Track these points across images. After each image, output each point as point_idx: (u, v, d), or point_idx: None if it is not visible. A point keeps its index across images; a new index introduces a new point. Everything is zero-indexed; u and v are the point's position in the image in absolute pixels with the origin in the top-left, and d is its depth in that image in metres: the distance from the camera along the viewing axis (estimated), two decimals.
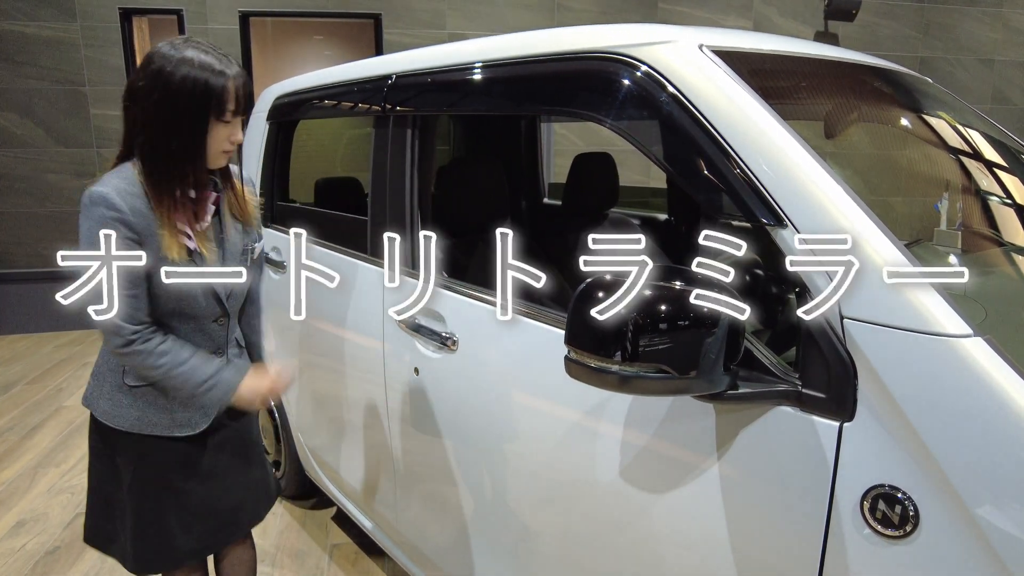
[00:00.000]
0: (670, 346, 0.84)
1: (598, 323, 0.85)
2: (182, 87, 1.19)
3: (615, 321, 0.84)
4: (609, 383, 0.86)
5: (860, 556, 0.85)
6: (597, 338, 0.85)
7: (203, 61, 1.20)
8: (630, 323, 0.83)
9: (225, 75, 1.21)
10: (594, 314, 0.85)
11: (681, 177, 1.03)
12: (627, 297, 0.84)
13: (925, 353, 0.79)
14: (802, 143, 0.95)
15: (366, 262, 1.81)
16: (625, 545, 1.15)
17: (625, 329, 0.83)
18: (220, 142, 1.26)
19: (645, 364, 0.84)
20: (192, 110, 1.20)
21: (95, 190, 1.20)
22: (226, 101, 1.22)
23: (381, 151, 1.74)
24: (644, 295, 0.84)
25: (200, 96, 1.20)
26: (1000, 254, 1.43)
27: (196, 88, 1.19)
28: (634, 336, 0.83)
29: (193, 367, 1.29)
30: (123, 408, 1.33)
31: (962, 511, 0.77)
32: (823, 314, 0.87)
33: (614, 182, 2.57)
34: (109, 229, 1.15)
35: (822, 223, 0.89)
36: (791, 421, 0.90)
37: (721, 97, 1.02)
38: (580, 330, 0.87)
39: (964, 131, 1.50)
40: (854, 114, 1.39)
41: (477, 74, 1.46)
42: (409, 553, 1.84)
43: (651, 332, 0.83)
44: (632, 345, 0.83)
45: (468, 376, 1.46)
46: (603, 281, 0.87)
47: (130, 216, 1.20)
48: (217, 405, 1.36)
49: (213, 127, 1.23)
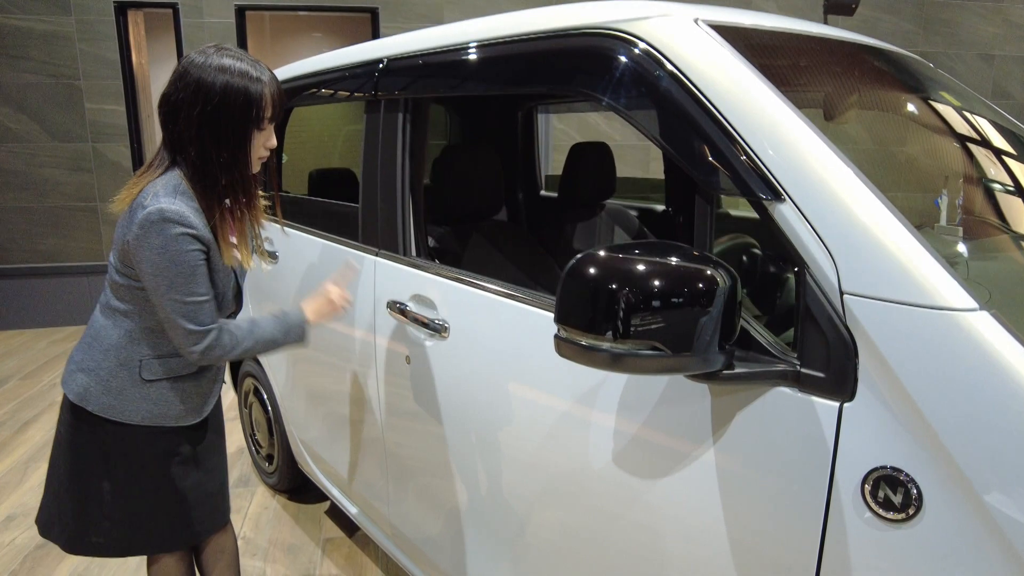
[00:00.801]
0: (663, 323, 0.80)
1: (589, 300, 0.82)
2: (225, 97, 1.21)
3: (607, 298, 0.81)
4: (600, 361, 0.82)
5: (861, 541, 0.82)
6: (588, 315, 0.82)
7: (240, 69, 1.23)
8: (622, 299, 0.80)
9: (261, 82, 1.24)
10: (585, 291, 0.82)
11: (675, 151, 0.99)
12: (619, 272, 0.80)
13: (929, 328, 0.76)
14: (799, 115, 0.92)
15: (357, 250, 1.78)
16: (620, 533, 1.12)
17: (617, 306, 0.80)
18: (258, 149, 1.30)
19: (638, 342, 0.81)
20: (236, 120, 1.23)
21: (168, 208, 1.21)
22: (264, 108, 1.25)
23: (372, 137, 1.71)
24: (637, 270, 0.81)
25: (242, 105, 1.23)
26: (1005, 240, 1.40)
27: (238, 98, 1.22)
28: (626, 313, 0.80)
29: (263, 332, 1.36)
30: (135, 402, 1.34)
31: (968, 493, 0.73)
32: (822, 290, 0.84)
33: (611, 173, 2.54)
34: (186, 247, 1.21)
35: (821, 196, 0.85)
36: (789, 402, 0.87)
37: (716, 69, 0.98)
38: (570, 307, 0.84)
39: (969, 117, 1.47)
40: (854, 96, 1.36)
41: (469, 55, 1.43)
42: (402, 546, 1.81)
43: (644, 309, 0.80)
44: (624, 322, 0.80)
45: (460, 363, 1.43)
46: (594, 257, 0.84)
47: (202, 231, 1.25)
48: (304, 340, 1.45)
49: (252, 135, 1.27)
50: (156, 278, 1.23)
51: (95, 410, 1.33)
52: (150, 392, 1.35)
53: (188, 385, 1.40)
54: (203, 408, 1.44)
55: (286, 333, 1.40)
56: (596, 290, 0.81)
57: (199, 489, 1.45)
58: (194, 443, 1.44)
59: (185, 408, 1.39)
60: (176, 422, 1.39)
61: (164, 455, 1.39)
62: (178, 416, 1.39)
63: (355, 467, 1.96)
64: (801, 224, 0.86)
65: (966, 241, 1.33)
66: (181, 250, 1.22)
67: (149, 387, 1.35)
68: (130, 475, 1.38)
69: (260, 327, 1.37)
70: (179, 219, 1.21)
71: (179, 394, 1.38)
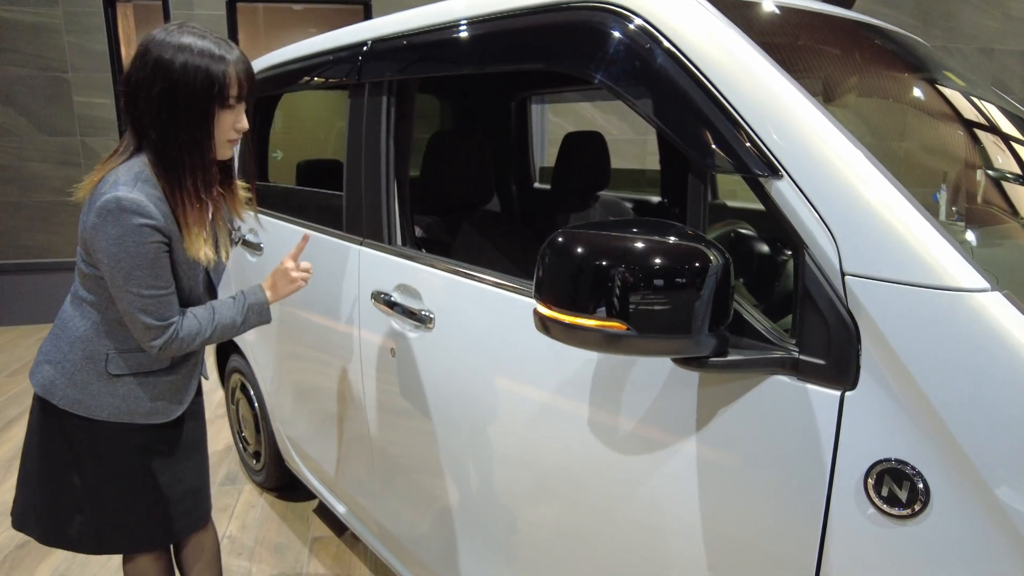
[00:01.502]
0: (652, 303, 0.75)
1: (572, 276, 0.76)
2: (184, 76, 1.15)
3: (592, 275, 0.75)
4: (591, 341, 0.77)
5: (864, 539, 0.76)
6: (570, 293, 0.77)
7: (201, 47, 1.16)
8: (610, 277, 0.75)
9: (225, 60, 1.18)
10: (567, 266, 0.76)
11: (668, 128, 0.94)
12: (604, 248, 0.75)
13: (937, 310, 0.70)
14: (798, 87, 0.87)
15: (341, 239, 1.72)
16: (610, 530, 1.07)
17: (604, 284, 0.75)
18: (225, 131, 1.22)
19: (622, 321, 0.75)
20: (196, 99, 1.16)
21: (125, 197, 1.14)
22: (228, 87, 1.18)
23: (356, 122, 1.65)
24: (624, 246, 0.76)
25: (203, 84, 1.16)
26: (1013, 228, 1.35)
27: (198, 76, 1.15)
28: (617, 291, 0.74)
29: (222, 317, 1.30)
30: (101, 398, 1.28)
31: (980, 488, 0.68)
32: (822, 271, 0.78)
33: (605, 163, 2.49)
34: (144, 238, 1.15)
35: (821, 172, 0.80)
36: (787, 391, 0.82)
37: (710, 40, 0.93)
38: (551, 283, 0.79)
39: (977, 102, 1.42)
40: (858, 75, 1.30)
41: (456, 33, 1.37)
42: (389, 545, 1.76)
43: (632, 287, 0.75)
44: (620, 302, 0.75)
45: (445, 354, 1.37)
46: (577, 233, 0.78)
47: (162, 222, 1.18)
48: (266, 319, 1.38)
49: (218, 116, 1.20)
50: (112, 270, 1.17)
51: (60, 404, 1.28)
52: (117, 388, 1.29)
53: (159, 381, 1.33)
54: (176, 405, 1.37)
55: (246, 314, 1.34)
56: (580, 267, 0.76)
57: (175, 487, 1.39)
58: (170, 440, 1.38)
59: (155, 406, 1.33)
60: (146, 419, 1.32)
61: (136, 452, 1.33)
62: (148, 413, 1.32)
63: (341, 464, 1.90)
64: (800, 201, 0.81)
65: (972, 227, 1.28)
66: (138, 241, 1.15)
67: (116, 382, 1.28)
68: (100, 472, 1.32)
69: (220, 313, 1.31)
70: (137, 208, 1.14)
71: (149, 391, 1.31)
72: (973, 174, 1.38)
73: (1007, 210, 1.33)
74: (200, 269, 1.31)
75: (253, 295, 1.37)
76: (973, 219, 1.31)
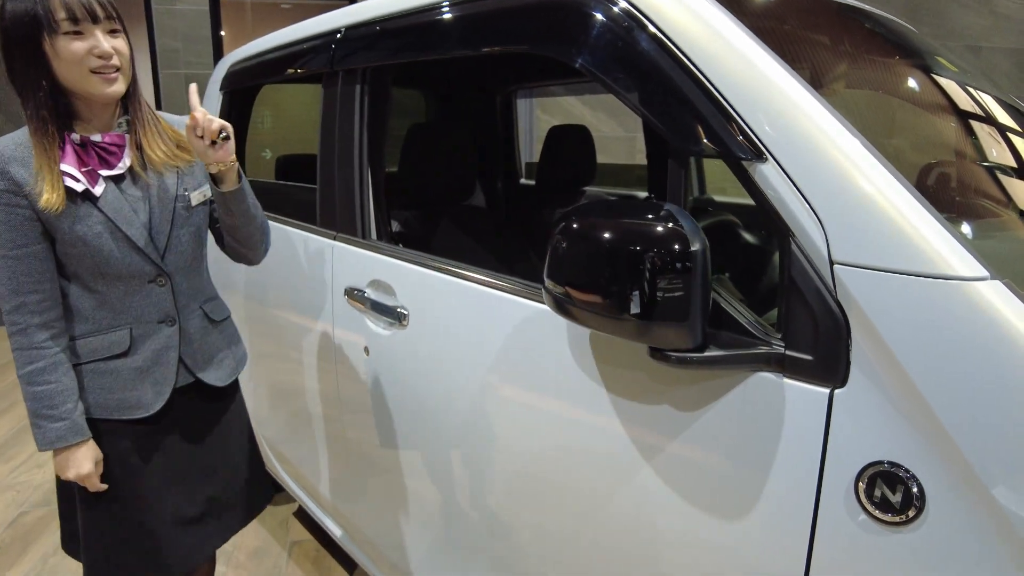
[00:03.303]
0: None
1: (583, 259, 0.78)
2: (10, 23, 1.09)
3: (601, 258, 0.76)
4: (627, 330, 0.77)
5: (854, 546, 0.71)
6: (582, 273, 0.79)
7: None
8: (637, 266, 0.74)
9: None
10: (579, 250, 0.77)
11: (644, 107, 0.88)
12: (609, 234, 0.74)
13: (933, 301, 0.65)
14: (782, 64, 0.81)
15: (314, 233, 1.66)
16: (590, 532, 1.01)
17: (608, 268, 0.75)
18: (79, 60, 1.09)
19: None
20: (23, 41, 1.09)
21: None
22: (53, 11, 1.07)
23: (330, 112, 1.59)
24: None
25: (24, 21, 1.08)
26: (1009, 218, 1.31)
27: (17, 16, 1.08)
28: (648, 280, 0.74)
29: (47, 391, 1.13)
30: None
31: (978, 491, 0.63)
32: (809, 260, 0.73)
33: (591, 157, 2.43)
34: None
35: (807, 154, 0.75)
36: (772, 389, 0.77)
37: (691, 19, 0.87)
38: (562, 265, 0.80)
39: (972, 91, 1.37)
40: (850, 59, 1.25)
41: (433, 17, 1.31)
42: (367, 550, 1.70)
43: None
44: (651, 288, 0.73)
45: (418, 353, 1.31)
46: (590, 219, 0.78)
47: (10, 168, 1.09)
48: (38, 442, 1.16)
49: (57, 46, 1.09)
50: None
51: None
52: (81, 378, 1.18)
53: (120, 367, 1.20)
54: (149, 400, 1.21)
55: (36, 422, 1.15)
56: (588, 251, 0.77)
57: (164, 512, 1.24)
58: (156, 448, 1.24)
59: (124, 396, 1.20)
60: (118, 414, 1.20)
61: (111, 459, 1.21)
62: (119, 406, 1.20)
63: (318, 466, 1.84)
64: (786, 186, 0.75)
65: (964, 217, 1.23)
66: None
67: (79, 372, 1.18)
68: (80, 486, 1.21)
69: (46, 385, 1.14)
70: None
71: (111, 379, 1.20)
72: (965, 163, 1.34)
73: (1001, 200, 1.29)
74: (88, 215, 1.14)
75: (60, 432, 1.15)
76: (965, 209, 1.27)
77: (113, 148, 1.18)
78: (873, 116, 1.11)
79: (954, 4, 6.15)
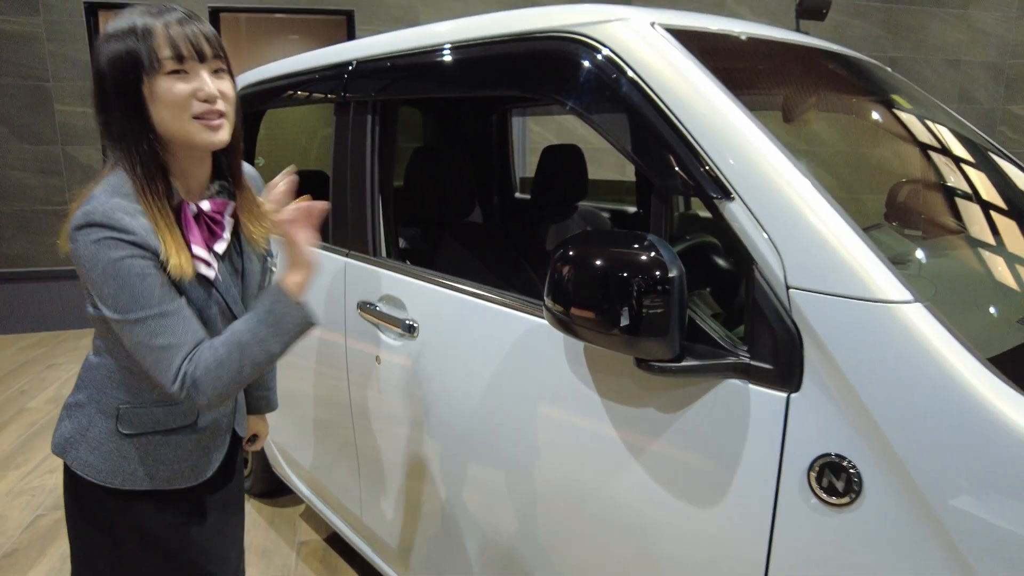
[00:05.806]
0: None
1: (582, 283, 0.92)
2: (109, 66, 0.97)
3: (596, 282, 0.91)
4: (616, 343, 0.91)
5: (808, 527, 0.85)
6: (576, 294, 0.93)
7: (120, 28, 0.96)
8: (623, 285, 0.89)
9: (149, 26, 0.96)
10: (579, 275, 0.93)
11: (632, 154, 1.02)
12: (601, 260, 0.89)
13: (867, 320, 0.79)
14: (749, 115, 0.95)
15: (327, 251, 1.78)
16: (578, 530, 1.14)
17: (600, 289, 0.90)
18: (181, 104, 0.96)
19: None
20: (122, 83, 0.96)
21: (93, 209, 0.94)
22: (157, 50, 0.95)
23: (342, 138, 1.72)
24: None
25: (130, 65, 0.95)
26: (956, 240, 1.45)
27: (118, 57, 0.96)
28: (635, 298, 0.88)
29: (241, 335, 1.00)
30: (113, 460, 1.09)
31: (904, 478, 0.77)
32: (769, 285, 0.87)
33: (583, 174, 2.58)
34: (116, 252, 0.93)
35: (768, 195, 0.89)
36: (740, 393, 0.90)
37: (669, 72, 1.01)
38: (561, 288, 0.94)
39: (924, 120, 1.52)
40: (808, 99, 1.40)
41: (436, 57, 1.44)
42: (377, 549, 1.82)
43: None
44: (636, 307, 0.87)
45: (428, 363, 1.44)
46: (585, 247, 0.92)
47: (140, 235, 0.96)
48: (301, 321, 1.05)
49: (155, 87, 0.96)
50: (100, 298, 0.97)
51: (72, 465, 1.10)
52: (130, 449, 1.10)
53: (183, 440, 1.14)
54: (201, 468, 1.16)
55: (271, 322, 1.02)
56: (587, 276, 0.92)
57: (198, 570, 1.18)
58: (197, 514, 1.18)
59: (174, 469, 1.13)
60: (168, 484, 1.13)
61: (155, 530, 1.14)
62: (168, 478, 1.13)
63: (328, 470, 1.96)
64: (750, 221, 0.89)
65: (918, 241, 1.38)
66: (111, 258, 0.94)
67: (129, 443, 1.10)
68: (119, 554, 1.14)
69: (237, 331, 1.01)
70: (104, 220, 0.93)
71: (170, 451, 1.13)
72: (921, 189, 1.48)
73: (948, 224, 1.43)
74: (210, 293, 1.07)
75: (279, 304, 1.02)
76: (920, 231, 1.41)
77: (218, 217, 1.08)
78: (828, 153, 1.26)
79: (934, 20, 6.36)
